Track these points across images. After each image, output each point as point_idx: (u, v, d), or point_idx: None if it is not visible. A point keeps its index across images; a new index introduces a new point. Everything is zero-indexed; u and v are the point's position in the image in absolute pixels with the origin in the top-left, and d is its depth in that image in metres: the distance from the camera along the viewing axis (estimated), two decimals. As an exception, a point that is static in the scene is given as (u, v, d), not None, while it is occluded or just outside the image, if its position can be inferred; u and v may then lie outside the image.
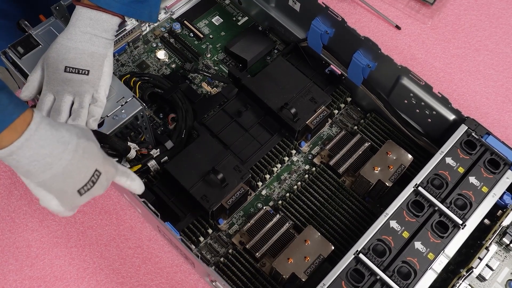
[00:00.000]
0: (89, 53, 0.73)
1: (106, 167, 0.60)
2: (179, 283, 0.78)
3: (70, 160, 0.56)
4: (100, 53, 0.74)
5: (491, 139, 0.79)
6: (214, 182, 0.77)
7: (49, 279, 0.77)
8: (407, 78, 0.83)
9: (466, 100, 0.99)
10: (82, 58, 0.73)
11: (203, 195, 0.77)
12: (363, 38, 0.83)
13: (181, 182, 0.77)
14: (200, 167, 0.79)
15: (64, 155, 0.55)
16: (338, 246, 0.78)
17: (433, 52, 1.05)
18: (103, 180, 0.60)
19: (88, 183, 0.58)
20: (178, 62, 0.96)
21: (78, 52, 0.73)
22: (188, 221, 0.79)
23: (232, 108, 0.88)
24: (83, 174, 0.57)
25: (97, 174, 0.59)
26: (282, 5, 0.96)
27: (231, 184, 0.78)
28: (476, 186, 0.75)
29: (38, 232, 0.80)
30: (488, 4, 1.11)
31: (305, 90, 0.88)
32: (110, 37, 0.76)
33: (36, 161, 0.54)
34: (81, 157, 0.57)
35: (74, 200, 0.59)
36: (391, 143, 0.84)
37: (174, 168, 0.79)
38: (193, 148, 0.81)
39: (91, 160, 0.58)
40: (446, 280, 0.73)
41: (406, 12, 1.09)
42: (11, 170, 0.84)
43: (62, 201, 0.59)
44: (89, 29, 0.73)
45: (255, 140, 0.86)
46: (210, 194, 0.77)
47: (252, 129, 0.87)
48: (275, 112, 0.86)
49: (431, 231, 0.72)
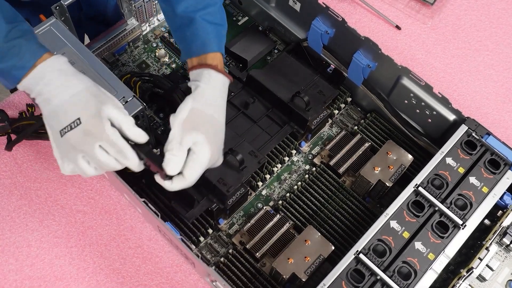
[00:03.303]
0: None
1: (92, 122, 0.60)
2: (179, 283, 0.78)
3: (62, 100, 0.61)
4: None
5: (491, 139, 0.79)
6: (232, 164, 0.73)
7: (49, 279, 0.77)
8: (407, 78, 0.83)
9: (466, 100, 0.99)
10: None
11: (219, 179, 0.73)
12: (363, 38, 0.83)
13: None
14: None
15: (61, 96, 0.61)
16: (338, 246, 0.78)
17: (433, 52, 1.04)
18: (79, 130, 0.60)
19: (67, 127, 0.61)
20: (178, 62, 0.95)
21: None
22: (202, 207, 0.75)
23: (239, 101, 0.86)
24: (68, 117, 0.61)
25: (77, 122, 0.60)
26: (282, 5, 0.96)
27: (250, 167, 0.75)
28: (476, 186, 0.75)
29: (38, 232, 0.80)
30: (488, 4, 1.11)
31: (312, 83, 0.87)
32: None
33: (40, 95, 0.62)
34: (72, 103, 0.61)
35: (59, 141, 0.62)
36: (391, 143, 0.84)
37: None
38: None
39: (79, 108, 0.61)
40: (446, 280, 0.73)
41: (406, 12, 1.09)
42: (11, 170, 0.84)
43: (52, 141, 0.63)
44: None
45: (265, 132, 0.84)
46: (227, 177, 0.73)
47: (261, 121, 0.85)
48: (285, 103, 0.84)
49: (431, 231, 0.72)
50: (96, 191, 0.84)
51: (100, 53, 0.91)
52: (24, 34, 0.63)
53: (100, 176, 0.85)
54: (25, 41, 0.62)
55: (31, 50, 0.62)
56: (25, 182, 0.83)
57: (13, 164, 0.85)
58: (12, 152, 0.85)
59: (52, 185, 0.84)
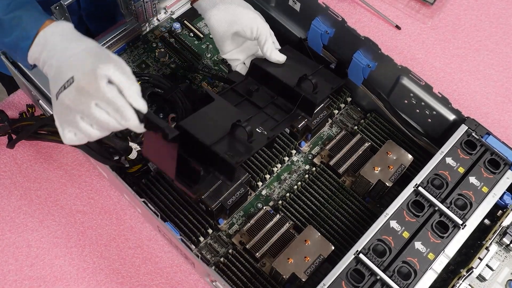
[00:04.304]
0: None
1: (86, 79, 0.56)
2: (179, 283, 0.78)
3: (60, 62, 0.59)
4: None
5: (491, 139, 0.79)
6: (240, 137, 0.68)
7: (49, 279, 0.77)
8: (407, 78, 0.83)
9: (466, 100, 0.99)
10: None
11: (226, 151, 0.66)
12: (363, 38, 0.83)
13: (200, 139, 0.67)
14: (220, 126, 0.69)
15: (59, 58, 0.60)
16: (338, 246, 0.78)
17: (433, 52, 1.04)
18: (72, 88, 0.57)
19: (61, 87, 0.58)
20: (178, 62, 0.95)
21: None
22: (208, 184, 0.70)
23: (242, 89, 0.81)
24: (63, 77, 0.58)
25: (71, 81, 0.57)
26: (282, 5, 0.96)
27: (258, 141, 0.69)
28: (476, 186, 0.75)
29: (38, 232, 0.80)
30: (488, 4, 1.11)
31: (317, 72, 0.84)
32: None
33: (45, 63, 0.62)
34: (68, 63, 0.58)
35: (55, 105, 0.60)
36: (391, 143, 0.84)
37: (191, 125, 0.67)
38: (209, 110, 0.72)
39: (74, 67, 0.58)
40: (446, 280, 0.73)
41: (406, 12, 1.09)
42: (11, 170, 0.84)
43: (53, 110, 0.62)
44: None
45: (271, 118, 0.78)
46: (235, 150, 0.67)
47: (266, 108, 0.79)
48: (290, 89, 0.79)
49: (431, 231, 0.72)
50: (96, 191, 0.84)
51: (100, 53, 0.91)
52: (24, 5, 0.62)
53: (100, 176, 0.85)
54: (26, 11, 0.62)
55: (32, 18, 0.62)
56: (25, 182, 0.83)
57: (13, 164, 0.85)
58: (12, 152, 0.85)
59: (52, 185, 0.84)
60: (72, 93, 0.57)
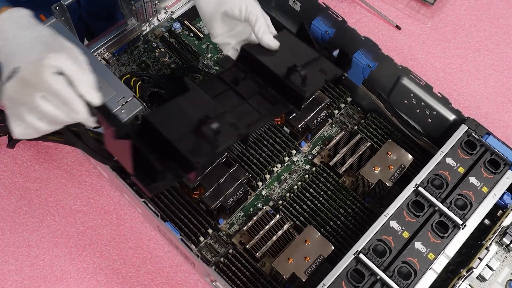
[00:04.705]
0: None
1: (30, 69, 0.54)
2: (179, 283, 0.78)
3: (8, 51, 0.56)
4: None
5: (491, 139, 0.79)
6: (207, 133, 0.62)
7: (49, 279, 0.77)
8: (407, 78, 0.83)
9: (466, 100, 0.99)
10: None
11: (190, 149, 0.61)
12: (363, 38, 0.83)
13: (163, 132, 0.62)
14: (189, 120, 0.64)
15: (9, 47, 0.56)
16: (338, 246, 0.78)
17: (433, 52, 1.05)
18: (16, 79, 0.54)
19: (7, 78, 0.55)
20: (178, 62, 0.96)
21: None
22: (168, 181, 0.63)
23: (229, 77, 0.74)
24: (10, 68, 0.55)
25: (16, 71, 0.54)
26: (282, 5, 0.96)
27: (226, 138, 0.64)
28: (476, 186, 0.75)
29: (38, 232, 0.80)
30: (488, 4, 1.11)
31: (313, 61, 0.76)
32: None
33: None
34: (16, 52, 0.55)
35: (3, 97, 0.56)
36: (391, 143, 0.84)
37: (156, 118, 0.62)
38: (181, 100, 0.67)
39: (21, 56, 0.55)
40: (446, 280, 0.73)
41: (406, 12, 1.09)
42: (11, 170, 0.84)
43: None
44: None
45: (255, 110, 0.72)
46: (199, 148, 0.62)
47: (252, 98, 0.73)
48: (280, 79, 0.72)
49: (431, 231, 0.72)
50: (96, 191, 0.84)
51: (100, 53, 0.92)
52: None
53: (100, 176, 0.85)
54: None
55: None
56: (25, 182, 0.83)
57: (13, 164, 0.85)
58: (12, 152, 0.85)
59: (52, 185, 0.84)
60: (16, 84, 0.54)
